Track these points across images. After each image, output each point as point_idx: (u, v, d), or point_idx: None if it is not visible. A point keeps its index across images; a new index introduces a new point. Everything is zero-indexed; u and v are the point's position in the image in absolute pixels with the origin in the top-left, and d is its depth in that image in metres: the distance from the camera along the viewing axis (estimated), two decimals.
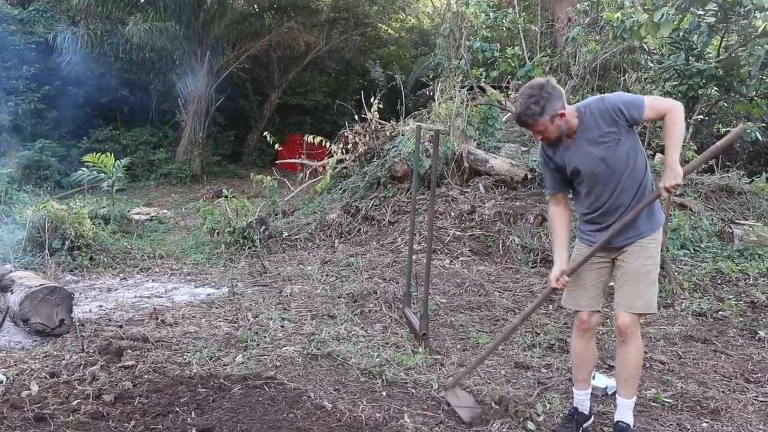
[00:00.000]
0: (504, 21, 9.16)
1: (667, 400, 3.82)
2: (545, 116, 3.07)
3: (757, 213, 8.20)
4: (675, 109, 3.06)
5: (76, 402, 3.56)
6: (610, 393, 3.87)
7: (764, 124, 8.86)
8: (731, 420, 3.63)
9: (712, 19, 7.17)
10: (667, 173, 3.03)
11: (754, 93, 7.41)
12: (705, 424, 3.58)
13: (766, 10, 6.16)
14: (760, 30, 6.59)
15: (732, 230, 7.22)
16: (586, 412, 3.51)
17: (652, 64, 8.57)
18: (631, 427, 3.34)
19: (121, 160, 10.28)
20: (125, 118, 18.01)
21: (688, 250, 6.99)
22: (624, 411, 3.37)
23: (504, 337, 4.00)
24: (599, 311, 3.47)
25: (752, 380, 4.20)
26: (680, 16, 6.87)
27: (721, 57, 7.17)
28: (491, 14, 8.81)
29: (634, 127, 3.16)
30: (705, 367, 4.38)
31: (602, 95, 3.24)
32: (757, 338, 4.95)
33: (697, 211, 7.85)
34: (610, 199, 3.20)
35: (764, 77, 7.36)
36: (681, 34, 7.04)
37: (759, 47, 6.35)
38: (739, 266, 6.38)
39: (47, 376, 3.94)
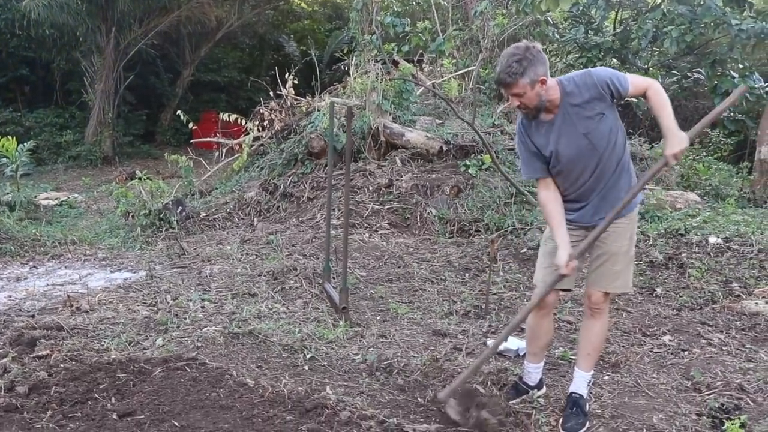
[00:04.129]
0: None
1: (573, 357, 4.05)
2: (526, 78, 2.91)
3: (656, 177, 8.64)
4: (654, 84, 3.01)
5: None
6: (521, 355, 4.07)
7: None
8: (630, 371, 3.92)
9: None
10: (671, 140, 2.89)
11: (648, 64, 7.81)
12: (607, 377, 3.85)
13: None
14: (650, 5, 6.95)
15: None
16: (531, 384, 3.54)
17: (558, 37, 8.88)
18: (584, 398, 3.35)
19: (25, 144, 9.82)
20: (27, 98, 17.15)
21: None
22: (580, 383, 3.39)
23: (503, 337, 3.41)
24: (564, 290, 3.49)
25: (648, 334, 4.53)
26: None
27: (617, 30, 7.51)
28: None
29: (615, 103, 3.06)
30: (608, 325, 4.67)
31: (587, 69, 3.15)
32: (654, 295, 5.31)
33: None
34: (591, 177, 3.10)
35: (656, 48, 7.76)
36: (581, 8, 7.33)
37: (648, 21, 6.70)
38: (641, 228, 6.73)
39: None
